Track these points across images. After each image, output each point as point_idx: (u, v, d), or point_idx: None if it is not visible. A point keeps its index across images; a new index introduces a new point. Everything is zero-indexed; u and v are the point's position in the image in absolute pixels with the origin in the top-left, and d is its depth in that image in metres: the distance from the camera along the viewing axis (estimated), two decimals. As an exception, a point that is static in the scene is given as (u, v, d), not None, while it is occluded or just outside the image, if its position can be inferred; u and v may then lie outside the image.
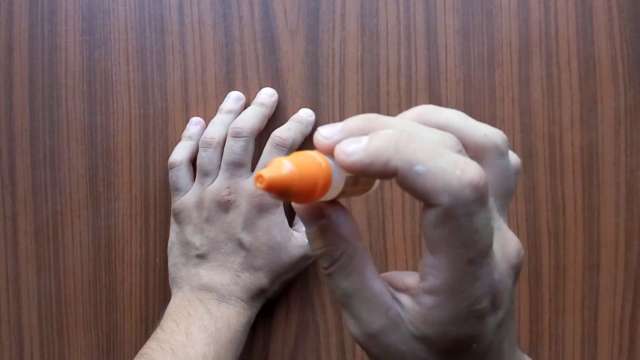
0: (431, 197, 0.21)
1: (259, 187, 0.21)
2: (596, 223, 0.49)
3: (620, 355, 0.49)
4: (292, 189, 0.22)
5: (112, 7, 0.51)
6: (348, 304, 0.25)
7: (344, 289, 0.25)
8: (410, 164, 0.21)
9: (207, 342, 0.43)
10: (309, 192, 0.22)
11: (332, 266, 0.25)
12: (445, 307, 0.23)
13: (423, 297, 0.24)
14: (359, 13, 0.50)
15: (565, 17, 0.49)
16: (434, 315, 0.23)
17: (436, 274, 0.23)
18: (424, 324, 0.24)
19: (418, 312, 0.24)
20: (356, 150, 0.22)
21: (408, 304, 0.24)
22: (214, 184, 0.47)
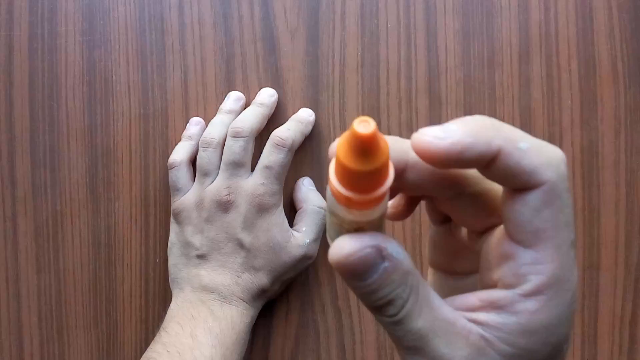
0: (538, 174, 0.20)
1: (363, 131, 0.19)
2: (596, 223, 0.49)
3: (620, 355, 0.49)
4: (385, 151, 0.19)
5: (112, 7, 0.51)
6: (425, 345, 0.21)
7: (419, 330, 0.21)
8: (513, 141, 0.20)
9: (213, 345, 0.43)
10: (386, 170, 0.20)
11: (403, 309, 0.21)
12: (552, 305, 0.21)
13: (522, 304, 0.21)
14: (359, 13, 0.50)
15: (565, 18, 0.49)
16: (538, 319, 0.21)
17: (541, 269, 0.21)
18: (523, 336, 0.21)
19: (515, 324, 0.21)
20: (451, 132, 0.20)
21: (496, 320, 0.21)
22: (214, 184, 0.47)
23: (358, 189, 0.20)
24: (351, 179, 0.19)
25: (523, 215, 0.21)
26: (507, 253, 0.21)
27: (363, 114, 0.50)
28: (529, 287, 0.21)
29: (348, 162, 0.19)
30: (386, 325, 0.22)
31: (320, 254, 0.50)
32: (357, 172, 0.19)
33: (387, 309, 0.21)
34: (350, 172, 0.19)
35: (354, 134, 0.19)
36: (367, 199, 0.20)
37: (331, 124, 0.50)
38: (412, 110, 0.50)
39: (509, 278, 0.21)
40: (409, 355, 0.22)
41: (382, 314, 0.21)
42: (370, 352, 0.51)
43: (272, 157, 0.47)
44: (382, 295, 0.21)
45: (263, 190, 0.46)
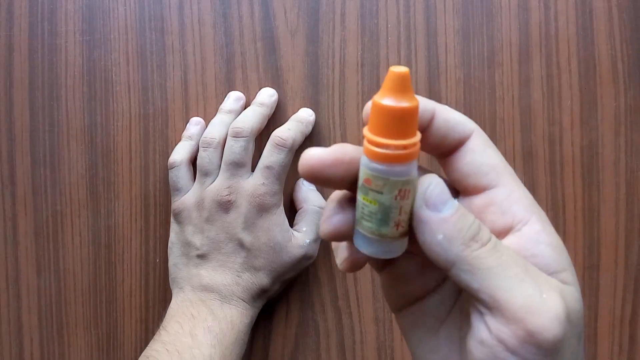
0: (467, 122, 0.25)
1: (397, 70, 0.21)
2: (596, 223, 0.49)
3: (620, 355, 0.49)
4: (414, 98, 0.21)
5: (112, 7, 0.51)
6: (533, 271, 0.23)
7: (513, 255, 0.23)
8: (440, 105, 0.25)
9: (213, 344, 0.43)
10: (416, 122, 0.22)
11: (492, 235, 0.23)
12: (544, 216, 0.25)
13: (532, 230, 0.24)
14: (359, 13, 0.50)
15: (565, 18, 0.49)
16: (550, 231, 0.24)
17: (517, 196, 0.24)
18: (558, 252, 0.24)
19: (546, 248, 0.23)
20: None
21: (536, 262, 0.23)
22: (214, 184, 0.47)
23: (396, 133, 0.21)
24: (390, 121, 0.21)
25: (477, 160, 0.24)
26: (483, 204, 0.24)
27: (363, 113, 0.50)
28: (521, 214, 0.24)
29: (386, 102, 0.21)
30: (489, 257, 0.22)
31: (320, 254, 0.50)
32: (397, 111, 0.21)
33: (482, 234, 0.22)
34: (390, 112, 0.21)
35: (392, 74, 0.21)
36: (405, 144, 0.21)
37: (331, 124, 0.50)
38: (412, 110, 0.50)
39: (498, 221, 0.24)
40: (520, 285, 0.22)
41: (479, 241, 0.22)
42: (370, 352, 0.51)
43: (273, 157, 0.47)
44: (471, 220, 0.22)
45: (264, 190, 0.46)
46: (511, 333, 0.21)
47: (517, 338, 0.21)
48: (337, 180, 0.23)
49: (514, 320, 0.21)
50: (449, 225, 0.22)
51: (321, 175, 0.23)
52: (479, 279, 0.22)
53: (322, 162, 0.23)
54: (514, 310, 0.21)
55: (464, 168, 0.24)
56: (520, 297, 0.21)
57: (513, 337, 0.21)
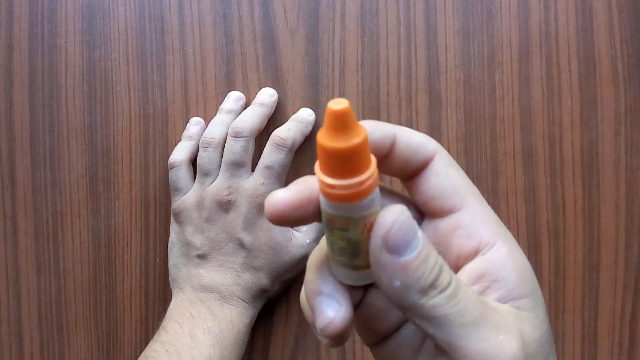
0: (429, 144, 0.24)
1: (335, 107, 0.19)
2: (596, 223, 0.49)
3: (620, 355, 0.49)
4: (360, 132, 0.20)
5: (112, 7, 0.51)
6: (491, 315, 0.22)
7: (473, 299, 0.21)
8: (400, 127, 0.24)
9: (212, 344, 0.43)
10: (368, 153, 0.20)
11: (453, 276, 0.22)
12: (511, 239, 0.24)
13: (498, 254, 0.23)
14: (359, 13, 0.50)
15: (565, 18, 0.49)
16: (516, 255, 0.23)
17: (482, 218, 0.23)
18: (523, 278, 0.23)
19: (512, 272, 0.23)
20: None
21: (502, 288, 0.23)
22: (214, 184, 0.47)
23: (347, 172, 0.20)
24: (332, 161, 0.20)
25: (440, 183, 0.23)
26: (448, 228, 0.23)
27: (363, 113, 0.50)
28: (487, 237, 0.23)
29: (326, 142, 0.19)
30: (444, 304, 0.21)
31: (321, 254, 0.50)
32: (342, 151, 0.19)
33: (442, 278, 0.21)
34: (330, 153, 0.20)
35: (329, 111, 0.19)
36: (359, 181, 0.20)
37: (331, 124, 0.50)
38: (412, 110, 0.50)
39: (465, 245, 0.23)
40: (475, 332, 0.21)
41: (438, 288, 0.21)
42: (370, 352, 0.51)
43: (273, 157, 0.47)
44: (433, 261, 0.21)
45: (264, 190, 0.46)
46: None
47: None
48: (309, 218, 0.22)
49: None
50: (409, 272, 0.21)
51: (291, 218, 0.22)
52: (435, 326, 0.21)
53: (289, 205, 0.22)
54: (470, 357, 0.21)
55: (428, 191, 0.24)
56: (476, 343, 0.21)
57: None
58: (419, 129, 0.49)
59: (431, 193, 0.23)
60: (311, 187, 0.22)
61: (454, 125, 0.49)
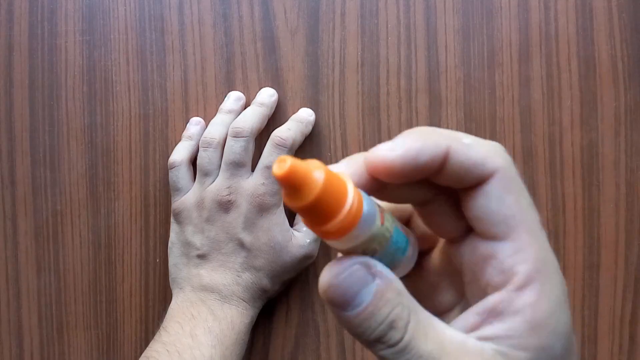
0: (488, 163, 0.21)
1: (276, 172, 0.18)
2: (596, 223, 0.49)
3: (620, 355, 0.49)
4: (314, 187, 0.19)
5: (112, 7, 0.51)
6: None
7: (430, 354, 0.20)
8: (457, 139, 0.21)
9: (213, 344, 0.43)
10: (338, 195, 0.19)
11: (407, 331, 0.20)
12: (548, 290, 0.21)
13: (520, 299, 0.20)
14: (359, 13, 0.50)
15: (565, 17, 0.49)
16: (541, 309, 0.20)
17: (524, 257, 0.20)
18: (533, 334, 0.20)
19: (522, 324, 0.20)
20: (399, 144, 0.20)
21: (503, 328, 0.21)
22: (214, 184, 0.47)
23: (314, 222, 0.20)
24: (300, 213, 0.20)
25: (489, 207, 0.21)
26: (486, 254, 0.21)
27: (363, 113, 0.50)
28: (519, 278, 0.20)
29: (285, 200, 0.19)
30: (390, 357, 0.20)
31: (320, 254, 0.50)
32: (296, 208, 0.19)
33: (389, 335, 0.20)
34: (297, 210, 0.19)
35: (275, 176, 0.19)
36: (325, 230, 0.20)
37: (331, 124, 0.50)
38: (412, 110, 0.50)
39: (496, 278, 0.21)
40: None
41: (385, 343, 0.20)
42: (370, 352, 0.51)
43: (273, 157, 0.47)
44: (380, 319, 0.20)
45: (264, 190, 0.46)
46: None
47: None
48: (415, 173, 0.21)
49: None
50: (351, 325, 0.20)
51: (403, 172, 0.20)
52: None
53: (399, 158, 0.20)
54: None
55: (474, 211, 0.21)
56: None
57: None
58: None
59: (476, 214, 0.21)
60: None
61: (454, 125, 0.49)
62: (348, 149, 0.50)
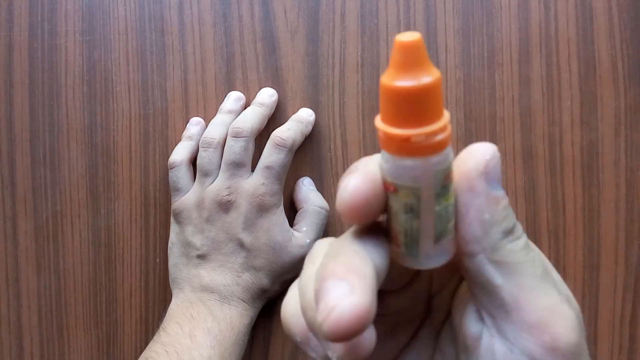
0: None
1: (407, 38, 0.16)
2: (596, 223, 0.49)
3: (620, 355, 0.49)
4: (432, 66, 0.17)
5: (112, 7, 0.51)
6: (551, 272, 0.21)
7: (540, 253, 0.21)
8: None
9: (212, 345, 0.43)
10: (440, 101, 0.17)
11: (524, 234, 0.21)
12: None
13: None
14: (359, 13, 0.50)
15: (565, 18, 0.49)
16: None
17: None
18: None
19: None
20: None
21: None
22: (214, 184, 0.47)
23: (417, 120, 0.17)
24: (406, 106, 0.17)
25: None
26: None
27: (363, 114, 0.50)
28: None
29: (399, 82, 0.16)
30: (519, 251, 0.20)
31: (321, 254, 0.50)
32: (412, 91, 0.16)
33: (518, 226, 0.20)
34: (403, 95, 0.17)
35: (399, 45, 0.16)
36: (429, 130, 0.17)
37: (331, 124, 0.50)
38: (412, 110, 0.50)
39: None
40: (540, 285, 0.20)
41: (515, 235, 0.20)
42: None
43: (273, 157, 0.47)
44: (511, 212, 0.20)
45: (264, 190, 0.46)
46: (533, 340, 0.20)
47: (542, 345, 0.20)
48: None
49: (537, 324, 0.20)
50: (499, 207, 0.20)
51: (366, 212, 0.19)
52: (506, 274, 0.20)
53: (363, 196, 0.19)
54: (538, 312, 0.20)
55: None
56: (544, 297, 0.20)
57: (537, 345, 0.20)
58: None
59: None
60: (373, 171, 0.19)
61: (454, 125, 0.49)
62: (348, 149, 0.50)
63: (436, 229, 0.19)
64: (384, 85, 0.17)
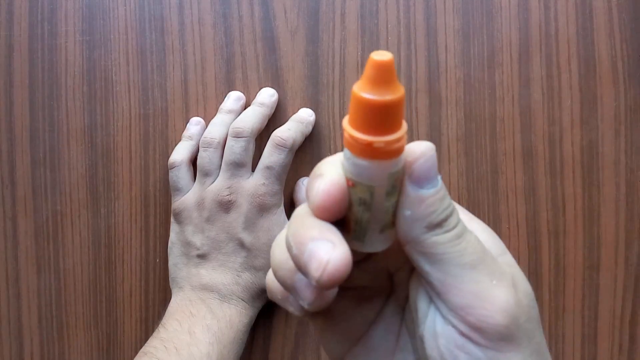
0: None
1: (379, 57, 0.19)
2: (596, 223, 0.49)
3: (620, 355, 0.49)
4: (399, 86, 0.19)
5: (112, 7, 0.51)
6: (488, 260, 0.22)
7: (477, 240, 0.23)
8: None
9: (211, 342, 0.43)
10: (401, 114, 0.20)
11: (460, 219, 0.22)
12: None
13: None
14: (359, 13, 0.50)
15: (565, 17, 0.49)
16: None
17: None
18: None
19: None
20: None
21: None
22: (215, 184, 0.47)
23: (377, 129, 0.19)
24: (372, 116, 0.19)
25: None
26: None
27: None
28: None
29: (366, 94, 0.19)
30: (446, 243, 0.21)
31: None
32: (379, 105, 0.19)
33: (451, 219, 0.22)
34: (371, 106, 0.19)
35: (373, 63, 0.19)
36: (389, 139, 0.20)
37: (331, 124, 0.50)
38: (412, 110, 0.50)
39: None
40: (470, 273, 0.21)
41: (445, 228, 0.21)
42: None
43: (273, 158, 0.47)
44: (447, 203, 0.22)
45: (264, 190, 0.46)
46: (460, 320, 0.21)
47: (468, 325, 0.21)
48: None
49: (462, 307, 0.21)
50: (422, 205, 0.21)
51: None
52: (432, 263, 0.22)
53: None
54: (463, 296, 0.21)
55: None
56: (470, 284, 0.21)
57: (463, 324, 0.21)
58: (419, 129, 0.49)
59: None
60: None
61: (454, 125, 0.49)
62: (348, 149, 0.50)
63: (383, 221, 0.22)
64: (355, 94, 0.19)
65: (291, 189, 0.50)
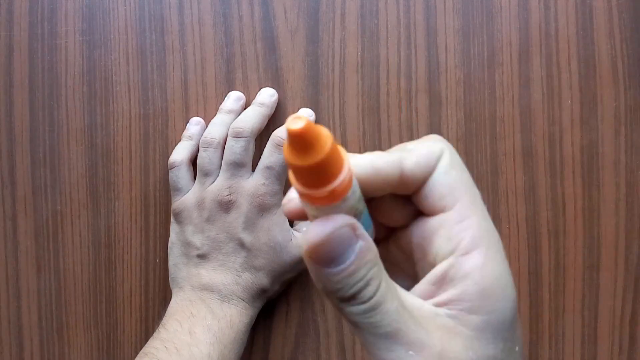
0: (434, 152, 0.23)
1: (293, 127, 0.19)
2: (596, 223, 0.49)
3: (620, 355, 0.49)
4: (324, 147, 0.19)
5: (112, 7, 0.51)
6: (402, 326, 0.22)
7: (396, 311, 0.22)
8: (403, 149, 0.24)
9: (212, 342, 0.43)
10: (337, 163, 0.20)
11: (379, 290, 0.22)
12: (493, 254, 0.22)
13: (468, 262, 0.22)
14: (359, 13, 0.50)
15: (565, 17, 0.49)
16: (489, 272, 0.22)
17: (470, 223, 0.22)
18: (483, 296, 0.22)
19: (472, 286, 0.22)
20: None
21: (455, 293, 0.22)
22: (215, 184, 0.47)
23: (309, 184, 0.20)
24: (298, 174, 0.20)
25: (436, 180, 0.23)
26: (433, 227, 0.23)
27: (363, 114, 0.50)
28: (465, 243, 0.22)
29: (288, 158, 0.20)
30: (360, 314, 0.21)
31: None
32: (298, 168, 0.20)
33: (364, 292, 0.21)
34: (293, 167, 0.20)
35: (287, 130, 0.19)
36: (319, 194, 0.20)
37: (331, 124, 0.50)
38: (412, 110, 0.50)
39: (444, 246, 0.23)
40: (385, 343, 0.21)
41: (359, 300, 0.21)
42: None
43: (273, 157, 0.47)
44: (359, 277, 0.21)
45: (264, 190, 0.46)
46: None
47: None
48: None
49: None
50: (330, 282, 0.21)
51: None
52: (352, 328, 0.22)
53: None
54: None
55: (423, 188, 0.23)
56: (385, 353, 0.21)
57: None
58: (419, 129, 0.49)
59: (424, 192, 0.23)
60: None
61: (454, 125, 0.49)
62: (348, 149, 0.50)
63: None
64: (285, 158, 0.20)
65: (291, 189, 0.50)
